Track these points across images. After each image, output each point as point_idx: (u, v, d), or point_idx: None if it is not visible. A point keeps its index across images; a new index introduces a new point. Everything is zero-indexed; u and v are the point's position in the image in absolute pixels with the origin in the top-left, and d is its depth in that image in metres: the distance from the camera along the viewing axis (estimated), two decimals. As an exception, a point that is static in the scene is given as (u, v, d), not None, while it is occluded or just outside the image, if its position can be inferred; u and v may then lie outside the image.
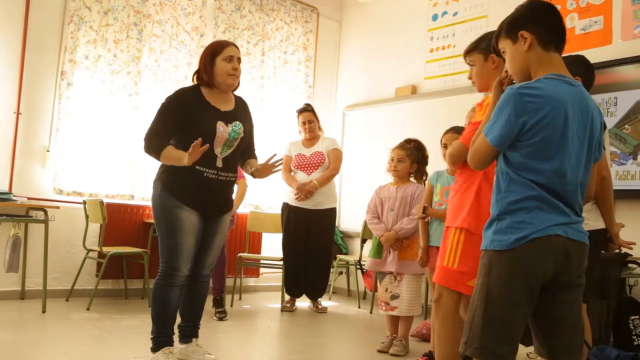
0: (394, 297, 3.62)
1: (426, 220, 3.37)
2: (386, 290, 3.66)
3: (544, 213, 1.71)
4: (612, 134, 4.12)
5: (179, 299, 2.94)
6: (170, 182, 2.88)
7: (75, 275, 4.70)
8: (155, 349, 2.87)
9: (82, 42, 4.96)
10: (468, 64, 2.47)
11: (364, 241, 5.27)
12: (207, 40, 5.70)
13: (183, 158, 2.71)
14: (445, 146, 3.35)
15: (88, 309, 4.33)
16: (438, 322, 2.43)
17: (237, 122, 3.00)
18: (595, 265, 2.75)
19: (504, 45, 1.88)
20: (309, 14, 6.58)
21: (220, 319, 4.33)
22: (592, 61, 2.82)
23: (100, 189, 5.01)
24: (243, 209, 5.57)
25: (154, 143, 2.84)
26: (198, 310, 3.12)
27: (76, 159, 4.90)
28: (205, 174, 2.88)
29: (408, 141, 3.81)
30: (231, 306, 4.92)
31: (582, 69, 2.68)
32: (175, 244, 2.84)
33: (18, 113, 4.67)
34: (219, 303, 4.48)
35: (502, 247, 1.74)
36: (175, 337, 3.01)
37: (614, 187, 2.78)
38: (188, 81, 5.49)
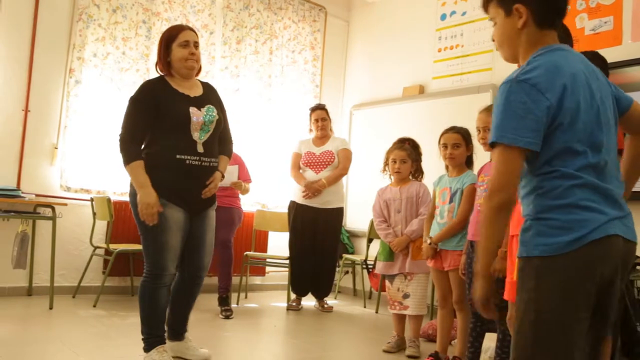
0: (406, 296, 3.60)
1: (436, 249, 3.30)
2: (398, 289, 3.64)
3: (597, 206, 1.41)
4: (621, 135, 4.08)
5: (167, 298, 2.92)
6: (151, 178, 2.77)
7: (82, 272, 4.72)
8: (147, 348, 2.85)
9: (91, 40, 4.97)
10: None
11: (370, 240, 5.27)
12: (217, 39, 5.73)
13: (142, 191, 2.71)
14: (445, 146, 3.33)
15: (94, 306, 4.35)
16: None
17: (209, 106, 2.96)
18: None
19: (495, 13, 1.58)
20: (317, 13, 6.58)
21: (227, 317, 4.34)
22: (601, 62, 2.81)
23: (108, 186, 5.02)
24: (250, 207, 5.58)
25: (128, 150, 2.80)
26: (189, 309, 3.11)
27: (84, 156, 4.92)
28: (187, 162, 2.82)
29: (403, 140, 3.76)
30: (237, 304, 4.93)
31: (600, 65, 2.60)
32: (162, 243, 2.78)
33: (27, 110, 4.69)
34: (225, 301, 4.48)
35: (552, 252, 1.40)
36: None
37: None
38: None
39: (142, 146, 2.86)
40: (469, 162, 3.38)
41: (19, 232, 4.28)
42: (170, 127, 2.82)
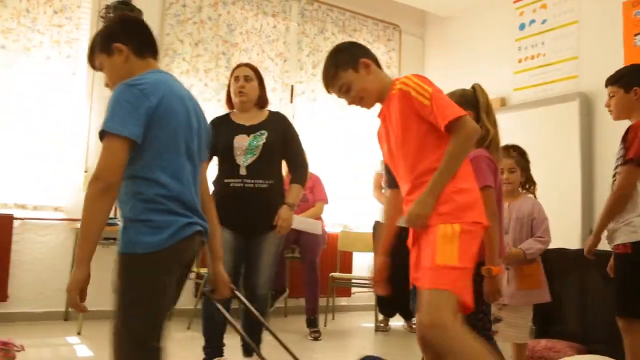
0: (496, 320, 2.99)
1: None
2: None
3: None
4: None
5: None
6: None
7: (176, 296, 4.89)
8: (206, 359, 3.04)
9: (176, 73, 5.21)
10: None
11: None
12: (291, 65, 5.85)
13: None
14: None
15: (189, 328, 4.50)
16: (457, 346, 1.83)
17: (262, 131, 3.09)
18: None
19: (101, 59, 1.90)
20: (391, 32, 6.60)
21: (315, 338, 4.36)
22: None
23: (196, 213, 5.20)
24: (332, 228, 5.60)
25: None
26: (256, 327, 3.11)
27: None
28: (231, 185, 3.02)
29: (506, 147, 3.20)
30: (325, 326, 4.94)
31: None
32: None
33: (120, 144, 4.96)
34: (313, 323, 4.51)
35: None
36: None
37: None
38: (272, 107, 5.64)
39: None
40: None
41: (117, 258, 4.51)
42: (219, 155, 3.10)
